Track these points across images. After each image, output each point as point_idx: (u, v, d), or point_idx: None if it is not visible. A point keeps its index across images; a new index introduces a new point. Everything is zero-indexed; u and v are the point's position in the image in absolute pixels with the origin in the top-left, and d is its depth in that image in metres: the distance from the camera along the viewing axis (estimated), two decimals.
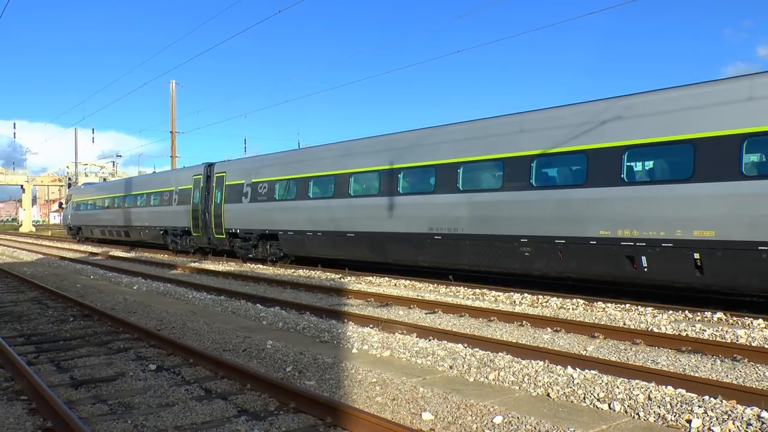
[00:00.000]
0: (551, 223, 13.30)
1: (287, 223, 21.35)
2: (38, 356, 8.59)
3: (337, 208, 19.16)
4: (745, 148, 10.59)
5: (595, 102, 13.06)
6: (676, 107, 11.60)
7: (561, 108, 13.89)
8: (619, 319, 10.91)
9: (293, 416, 5.87)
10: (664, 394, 6.18)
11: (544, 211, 13.44)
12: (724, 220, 10.71)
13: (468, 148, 15.27)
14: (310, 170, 20.62)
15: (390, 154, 17.41)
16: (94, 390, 6.92)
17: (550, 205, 13.35)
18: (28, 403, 6.41)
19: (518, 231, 13.95)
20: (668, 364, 7.97)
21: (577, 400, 6.32)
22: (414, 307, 12.74)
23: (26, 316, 11.96)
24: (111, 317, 11.11)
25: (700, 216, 11.03)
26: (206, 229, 26.23)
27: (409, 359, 8.20)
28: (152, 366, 7.84)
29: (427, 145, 16.45)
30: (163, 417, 5.92)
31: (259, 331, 10.17)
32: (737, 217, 10.56)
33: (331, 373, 7.35)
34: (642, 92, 12.37)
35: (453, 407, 6.00)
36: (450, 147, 15.77)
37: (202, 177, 26.70)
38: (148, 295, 15.10)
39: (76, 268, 22.95)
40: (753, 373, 7.47)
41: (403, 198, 16.89)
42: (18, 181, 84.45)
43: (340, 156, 19.65)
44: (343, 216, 18.89)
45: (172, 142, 43.79)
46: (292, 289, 16.18)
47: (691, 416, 5.61)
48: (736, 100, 10.77)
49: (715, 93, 11.13)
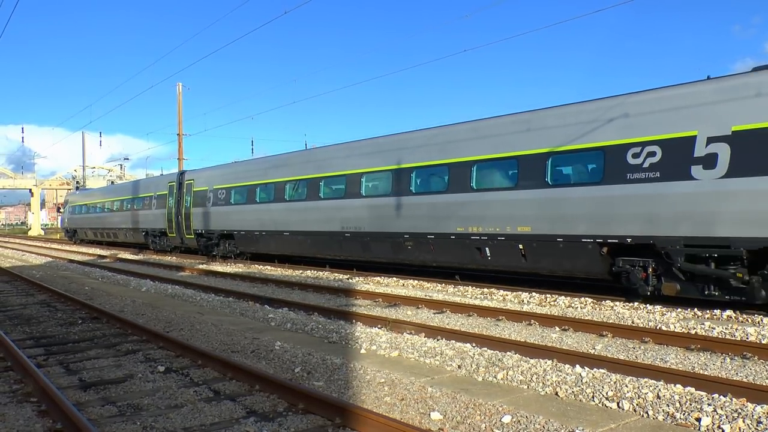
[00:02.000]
0: (424, 221, 16.53)
1: (240, 224, 24.82)
2: (47, 358, 8.63)
3: (276, 211, 22.58)
4: (550, 164, 13.67)
5: (453, 125, 16.61)
6: (505, 131, 14.71)
7: (431, 129, 17.36)
8: (627, 318, 10.87)
9: (302, 417, 5.88)
10: (673, 393, 6.16)
11: (420, 212, 16.70)
12: (536, 218, 13.80)
13: (368, 161, 18.77)
14: (258, 178, 24.03)
15: (314, 165, 21.00)
16: (103, 392, 6.94)
17: (424, 207, 16.62)
18: (37, 405, 6.44)
19: (403, 229, 17.23)
20: (677, 362, 7.93)
21: (585, 398, 6.30)
22: (422, 307, 12.73)
23: (35, 318, 12.02)
24: (119, 319, 11.15)
25: (521, 215, 14.12)
26: (179, 230, 29.47)
27: (417, 359, 8.19)
28: (161, 368, 7.86)
29: (340, 158, 20.06)
30: (171, 418, 5.93)
31: (268, 332, 10.19)
32: (544, 215, 13.65)
33: (339, 373, 7.35)
34: (484, 118, 15.75)
35: (462, 407, 5.99)
36: (356, 160, 19.26)
37: (175, 184, 29.97)
38: (156, 297, 15.15)
39: (85, 271, 23.05)
40: (763, 371, 7.43)
41: (322, 202, 20.30)
42: (26, 184, 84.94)
43: (279, 166, 23.14)
44: (281, 218, 22.28)
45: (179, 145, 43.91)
46: (300, 290, 16.20)
47: (701, 414, 5.58)
48: (543, 127, 13.91)
49: (530, 120, 14.22)
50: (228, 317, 11.86)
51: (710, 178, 11.08)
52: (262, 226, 23.33)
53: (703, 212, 11.19)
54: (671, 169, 11.57)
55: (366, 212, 18.45)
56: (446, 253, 16.26)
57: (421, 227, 16.60)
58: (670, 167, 11.58)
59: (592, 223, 12.80)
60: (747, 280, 10.92)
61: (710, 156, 11.11)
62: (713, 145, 11.09)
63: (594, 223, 12.77)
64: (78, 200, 48.00)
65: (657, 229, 11.76)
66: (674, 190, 11.50)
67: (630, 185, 12.15)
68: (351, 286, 16.34)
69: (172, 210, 30.02)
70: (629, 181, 12.18)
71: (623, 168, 12.27)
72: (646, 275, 12.12)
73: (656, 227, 11.77)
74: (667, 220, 11.62)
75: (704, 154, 11.18)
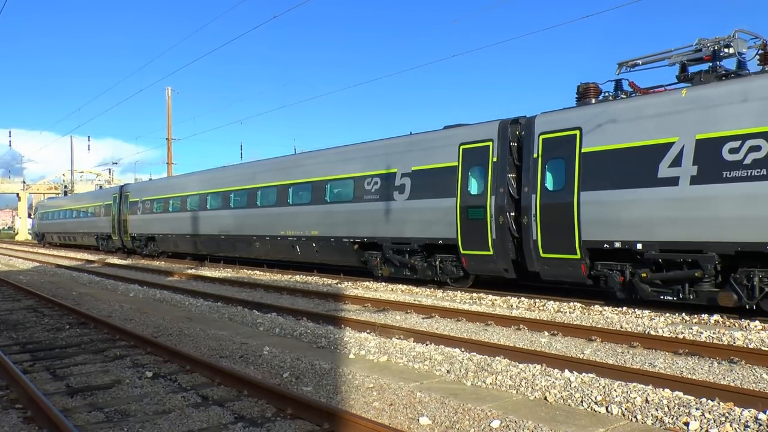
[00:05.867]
0: (264, 227, 22.39)
1: (159, 229, 31.02)
2: (34, 364, 8.55)
3: (181, 219, 28.66)
4: (328, 187, 19.51)
5: (283, 158, 23.87)
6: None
7: (270, 159, 24.08)
8: (616, 323, 10.91)
9: (290, 422, 5.86)
10: (661, 397, 6.18)
11: (262, 221, 22.50)
12: (321, 225, 19.57)
13: (235, 181, 24.88)
14: (170, 192, 30.44)
15: (207, 183, 27.12)
16: (90, 398, 6.89)
17: (264, 217, 22.43)
18: (23, 412, 6.38)
19: (252, 232, 23.17)
20: (665, 366, 7.97)
21: (574, 403, 6.31)
22: (411, 311, 12.72)
23: (22, 324, 11.91)
24: (107, 325, 11.07)
25: (314, 223, 19.88)
26: (120, 234, 35.46)
27: (406, 364, 8.19)
28: (149, 373, 7.81)
29: (220, 178, 26.33)
30: (159, 424, 5.89)
31: (256, 337, 10.15)
32: (324, 223, 19.44)
33: (328, 378, 7.33)
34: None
35: (450, 412, 5.99)
36: (227, 180, 25.51)
37: (118, 195, 36.01)
38: (144, 302, 15.06)
39: (72, 276, 22.88)
40: (750, 375, 7.47)
41: (208, 212, 26.46)
42: (14, 189, 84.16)
43: (185, 182, 29.69)
44: (184, 224, 28.27)
45: (168, 150, 43.77)
46: (288, 294, 16.16)
47: (689, 419, 5.61)
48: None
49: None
50: (216, 322, 11.80)
51: (402, 199, 16.74)
52: (172, 230, 29.65)
53: (399, 219, 16.87)
54: (386, 192, 17.28)
55: (233, 220, 24.58)
56: (276, 249, 22.14)
57: (263, 231, 22.51)
58: (383, 192, 17.38)
59: (349, 228, 18.47)
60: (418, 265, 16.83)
61: (402, 185, 16.78)
62: (404, 178, 16.74)
63: (350, 228, 18.44)
64: (46, 208, 54.99)
65: (378, 231, 17.48)
66: (367, 208, 17.77)
67: (365, 203, 17.89)
68: (340, 291, 16.31)
69: (115, 217, 35.96)
70: (365, 201, 17.93)
71: (363, 192, 17.99)
72: (377, 262, 18.02)
73: (378, 231, 17.46)
74: (382, 227, 17.42)
75: (399, 183, 16.85)
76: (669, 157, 11.23)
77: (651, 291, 11.81)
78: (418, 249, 16.41)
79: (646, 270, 11.78)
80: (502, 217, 14.25)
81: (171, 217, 29.77)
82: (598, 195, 12.27)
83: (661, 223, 11.36)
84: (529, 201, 13.51)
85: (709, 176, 10.70)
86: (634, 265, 12.04)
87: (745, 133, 10.37)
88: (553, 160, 13.21)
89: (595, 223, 12.31)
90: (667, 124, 11.37)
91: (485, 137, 14.90)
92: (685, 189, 10.98)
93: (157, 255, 32.11)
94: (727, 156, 10.52)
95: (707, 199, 10.74)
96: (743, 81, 11.00)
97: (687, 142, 11.02)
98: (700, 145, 10.85)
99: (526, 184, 13.69)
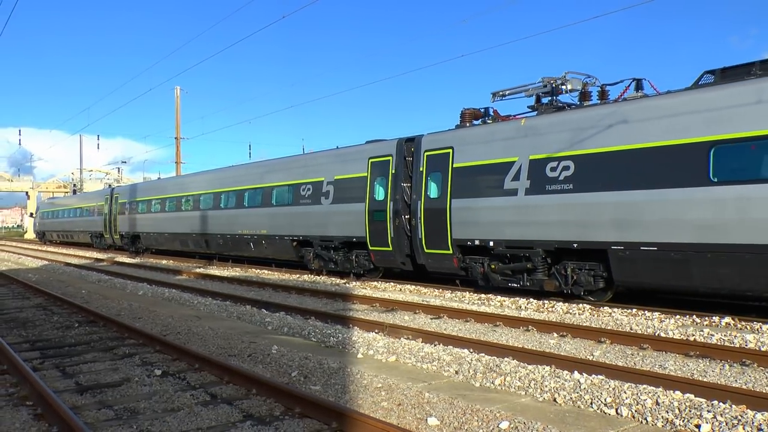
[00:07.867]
0: (226, 226, 25.42)
1: (143, 227, 34.04)
2: (43, 362, 8.58)
3: (161, 219, 31.79)
4: (274, 192, 22.44)
5: (240, 166, 26.96)
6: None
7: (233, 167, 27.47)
8: (625, 324, 10.85)
9: (298, 421, 5.85)
10: (672, 399, 6.13)
11: (224, 221, 25.56)
12: (268, 224, 22.51)
13: (205, 186, 27.85)
14: (152, 194, 33.51)
15: (181, 188, 30.38)
16: (100, 395, 6.90)
17: (225, 217, 25.54)
18: (33, 409, 6.40)
19: (217, 231, 26.23)
20: (676, 368, 7.92)
21: (584, 405, 6.27)
22: (419, 312, 12.70)
23: (31, 322, 11.96)
24: (116, 323, 11.10)
25: (263, 223, 22.85)
26: (110, 232, 38.37)
27: (414, 364, 8.17)
28: (157, 371, 7.82)
29: (192, 183, 29.52)
30: (168, 422, 5.90)
31: (265, 336, 10.15)
32: (270, 223, 22.45)
33: (336, 378, 7.32)
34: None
35: (459, 412, 5.96)
36: (198, 185, 28.65)
37: (109, 196, 38.96)
38: (153, 300, 15.10)
39: (81, 274, 22.98)
40: (763, 378, 7.41)
41: (182, 213, 29.40)
42: (23, 187, 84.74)
43: (166, 187, 32.77)
44: (164, 223, 31.51)
45: (177, 149, 43.91)
46: (297, 294, 16.17)
47: (700, 421, 5.56)
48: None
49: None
50: (225, 321, 11.82)
51: (327, 203, 19.70)
52: (153, 228, 32.76)
53: (323, 223, 19.80)
54: (316, 197, 20.13)
55: (202, 221, 27.40)
56: (236, 246, 25.08)
57: (225, 230, 25.49)
58: (314, 197, 20.29)
59: (289, 228, 21.45)
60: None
61: (327, 191, 19.68)
62: (329, 186, 19.61)
63: (289, 228, 21.42)
64: (46, 207, 58.00)
65: (311, 231, 20.46)
66: (302, 211, 20.79)
67: (301, 207, 20.82)
68: (348, 290, 16.31)
69: (107, 217, 38.87)
70: (300, 204, 20.85)
71: (299, 197, 20.93)
72: (310, 257, 20.90)
73: (311, 230, 20.40)
74: (313, 227, 20.41)
75: (325, 190, 19.80)
76: (512, 173, 13.99)
77: (501, 279, 14.59)
78: (339, 246, 19.41)
79: (497, 262, 14.54)
80: (398, 219, 17.09)
81: (153, 217, 32.82)
82: (463, 202, 15.11)
83: (506, 225, 14.12)
84: (417, 206, 16.42)
85: (537, 188, 13.45)
86: (490, 258, 14.72)
87: (560, 156, 13.08)
88: (434, 173, 16.12)
89: (462, 225, 15.14)
90: (511, 146, 14.15)
91: (387, 153, 17.82)
92: (521, 198, 13.74)
93: (143, 251, 35.20)
94: (549, 173, 13.27)
95: (535, 206, 13.45)
96: (560, 114, 13.63)
97: (524, 161, 13.78)
98: (533, 164, 13.60)
99: (415, 192, 16.60)
